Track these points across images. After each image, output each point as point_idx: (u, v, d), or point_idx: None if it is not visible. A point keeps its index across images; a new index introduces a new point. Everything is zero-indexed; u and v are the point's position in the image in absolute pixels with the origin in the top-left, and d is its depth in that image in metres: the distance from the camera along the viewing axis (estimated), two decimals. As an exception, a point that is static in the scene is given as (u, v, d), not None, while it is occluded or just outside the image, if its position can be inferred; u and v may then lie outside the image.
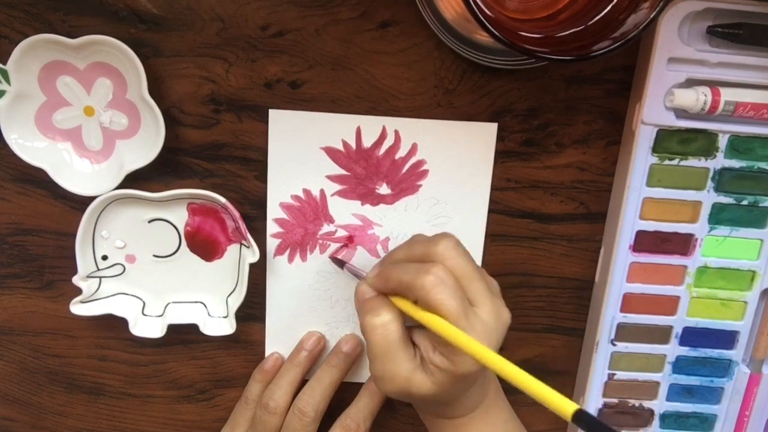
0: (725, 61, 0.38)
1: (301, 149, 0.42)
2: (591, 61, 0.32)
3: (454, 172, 0.43)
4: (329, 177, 0.43)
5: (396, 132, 0.42)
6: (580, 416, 0.27)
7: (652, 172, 0.41)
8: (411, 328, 0.38)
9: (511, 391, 0.47)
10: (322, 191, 0.43)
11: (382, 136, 0.42)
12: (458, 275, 0.35)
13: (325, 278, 0.45)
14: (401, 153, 0.43)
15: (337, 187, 0.43)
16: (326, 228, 0.44)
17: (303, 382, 0.45)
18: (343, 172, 0.43)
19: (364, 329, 0.37)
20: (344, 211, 0.44)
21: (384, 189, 0.43)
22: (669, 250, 0.42)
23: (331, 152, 0.42)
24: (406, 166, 0.43)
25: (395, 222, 0.44)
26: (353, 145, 0.42)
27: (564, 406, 0.28)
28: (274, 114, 0.41)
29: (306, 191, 0.43)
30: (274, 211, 0.44)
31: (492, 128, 0.42)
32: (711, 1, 0.37)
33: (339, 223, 0.44)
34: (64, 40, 0.38)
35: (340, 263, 0.44)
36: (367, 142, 0.42)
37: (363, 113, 0.42)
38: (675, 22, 0.37)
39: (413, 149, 0.42)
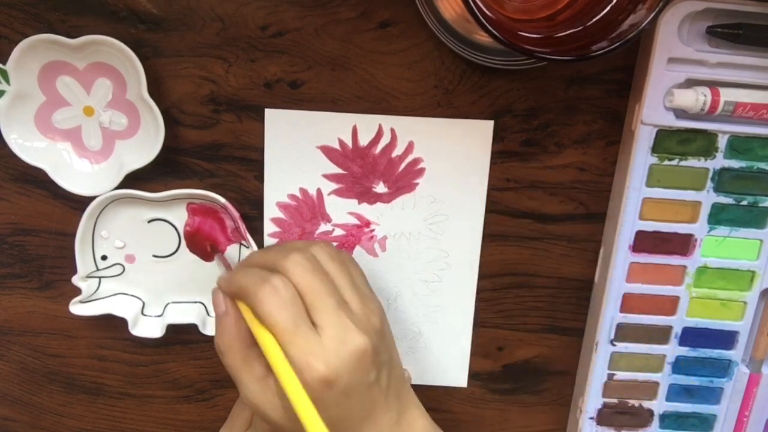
0: (725, 62, 0.38)
1: (297, 148, 0.42)
2: (591, 61, 0.32)
3: (451, 170, 0.43)
4: (326, 176, 0.43)
5: (392, 130, 0.42)
6: None
7: (651, 173, 0.41)
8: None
9: (511, 391, 0.47)
10: (318, 190, 0.43)
11: (379, 135, 0.42)
12: (303, 291, 0.32)
13: (324, 278, 0.45)
14: (398, 151, 0.42)
15: (334, 186, 0.43)
16: (323, 227, 0.44)
17: None
18: (339, 170, 0.43)
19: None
20: (341, 210, 0.44)
21: (381, 187, 0.43)
22: (669, 250, 0.42)
23: (327, 151, 0.42)
24: (403, 165, 0.43)
25: (392, 221, 0.44)
26: (349, 143, 0.42)
27: None
28: (269, 113, 0.41)
29: (303, 190, 0.43)
30: (271, 211, 0.44)
31: (488, 126, 0.42)
32: (711, 1, 0.37)
33: (336, 222, 0.44)
34: (64, 40, 0.38)
35: (219, 254, 0.43)
36: (363, 140, 0.42)
37: (362, 113, 0.42)
38: (675, 22, 0.37)
39: (410, 147, 0.42)
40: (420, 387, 0.47)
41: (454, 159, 0.43)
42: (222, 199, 0.42)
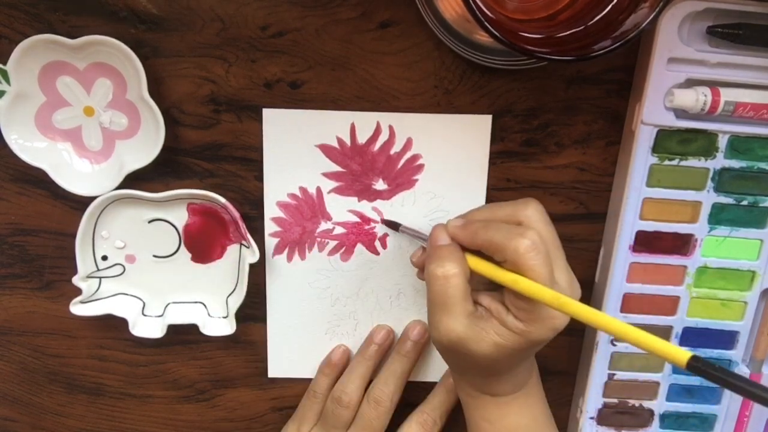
0: (725, 62, 0.38)
1: (296, 147, 0.42)
2: (591, 61, 0.32)
3: (450, 165, 0.43)
4: (325, 174, 0.43)
5: (390, 127, 0.42)
6: (695, 363, 0.28)
7: (652, 173, 0.41)
8: (479, 290, 0.37)
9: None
10: (318, 189, 0.43)
11: (377, 132, 0.42)
12: (546, 242, 0.35)
13: (325, 276, 0.45)
14: (396, 148, 0.43)
15: (334, 184, 0.43)
16: (324, 225, 0.44)
17: (373, 376, 0.45)
18: (338, 168, 0.43)
19: (426, 277, 0.37)
20: (341, 208, 0.44)
21: (380, 185, 0.43)
22: (669, 250, 0.42)
23: (326, 149, 0.42)
24: (402, 161, 0.43)
25: (393, 217, 0.44)
26: (348, 141, 0.42)
27: (678, 355, 0.29)
28: (267, 113, 0.41)
29: (302, 189, 0.43)
30: (271, 210, 0.44)
31: (486, 120, 0.42)
32: (711, 1, 0.37)
33: (336, 221, 0.44)
34: (64, 40, 0.38)
35: (395, 225, 0.43)
36: (362, 138, 0.42)
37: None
38: (675, 22, 0.37)
39: (408, 144, 0.42)
40: (422, 384, 0.47)
41: (453, 154, 0.43)
42: (222, 199, 0.42)
